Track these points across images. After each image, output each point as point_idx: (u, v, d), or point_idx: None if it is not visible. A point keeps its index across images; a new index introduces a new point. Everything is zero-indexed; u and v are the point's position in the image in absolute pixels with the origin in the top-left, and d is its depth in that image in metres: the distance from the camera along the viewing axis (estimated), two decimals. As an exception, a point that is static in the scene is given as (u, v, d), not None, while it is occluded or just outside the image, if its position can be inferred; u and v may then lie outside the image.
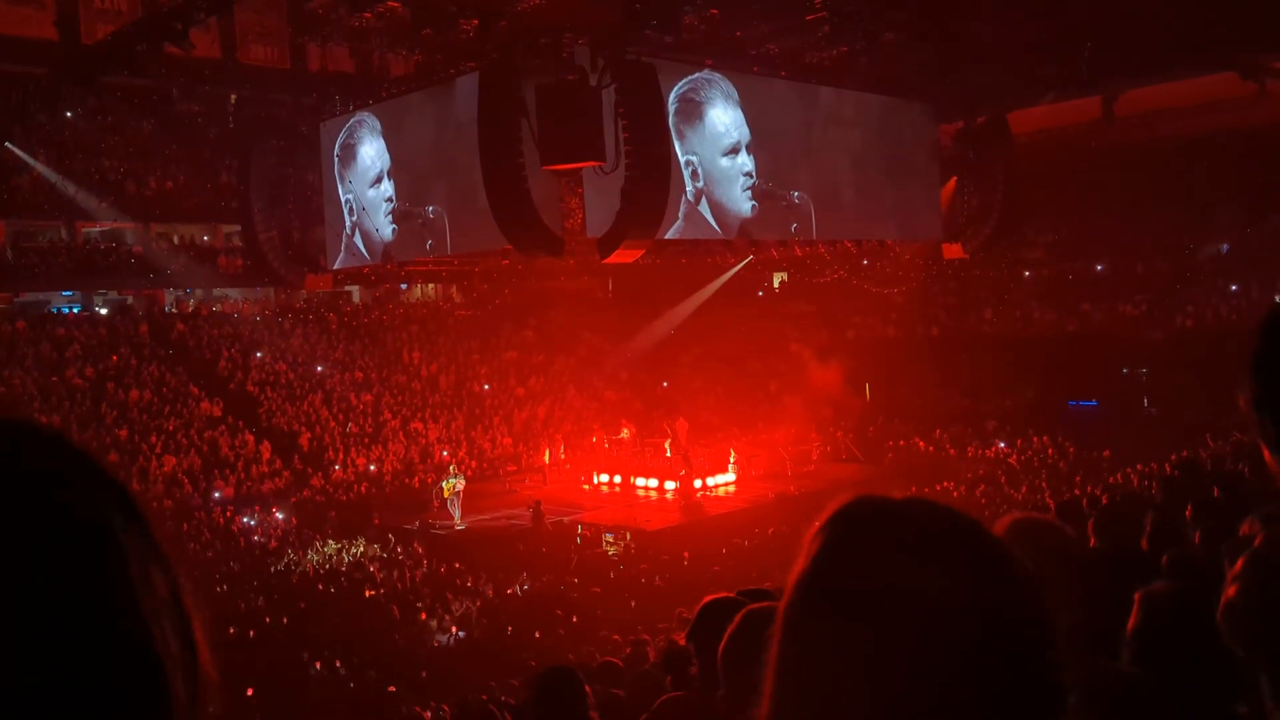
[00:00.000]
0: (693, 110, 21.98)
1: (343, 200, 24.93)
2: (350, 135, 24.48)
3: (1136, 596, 2.50)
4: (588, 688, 5.87)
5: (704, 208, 22.18)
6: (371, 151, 24.00)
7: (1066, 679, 0.96)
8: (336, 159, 24.83)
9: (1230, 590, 1.02)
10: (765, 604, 2.08)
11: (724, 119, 22.57)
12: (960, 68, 24.94)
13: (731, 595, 2.62)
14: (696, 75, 22.12)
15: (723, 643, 1.97)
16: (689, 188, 21.78)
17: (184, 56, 19.80)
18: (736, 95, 22.78)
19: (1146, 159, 31.34)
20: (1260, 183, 29.08)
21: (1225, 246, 32.56)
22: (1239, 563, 1.03)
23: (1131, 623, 2.46)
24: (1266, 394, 0.94)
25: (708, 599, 2.66)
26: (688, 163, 21.79)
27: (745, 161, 22.83)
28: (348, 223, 24.97)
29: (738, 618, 1.98)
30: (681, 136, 21.62)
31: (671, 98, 21.26)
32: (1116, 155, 31.38)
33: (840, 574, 0.97)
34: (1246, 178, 29.55)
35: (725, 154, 22.56)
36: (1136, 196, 32.60)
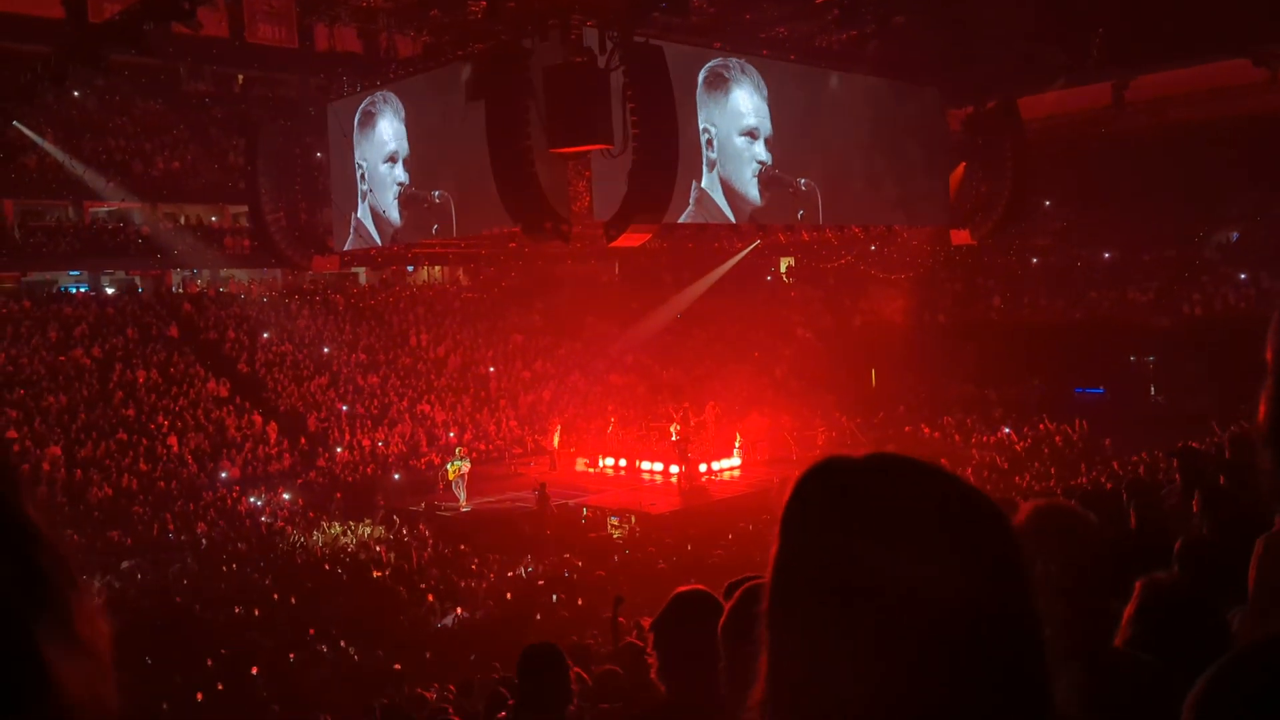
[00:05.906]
0: (720, 84, 22.23)
1: (356, 165, 24.84)
2: (372, 105, 24.43)
3: (1138, 583, 2.52)
4: (591, 666, 5.90)
5: (715, 192, 22.13)
6: (389, 129, 23.97)
7: (1053, 674, 0.92)
8: (356, 126, 24.80)
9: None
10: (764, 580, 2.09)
11: (747, 103, 22.74)
12: (970, 53, 24.78)
13: (703, 587, 2.60)
14: (729, 59, 22.33)
15: (722, 618, 1.98)
16: (704, 156, 21.84)
17: (192, 36, 19.72)
18: (766, 90, 22.99)
19: (1156, 145, 31.15)
20: (1270, 170, 28.91)
21: (1235, 234, 32.44)
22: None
23: (1131, 607, 2.47)
24: None
25: (679, 590, 2.66)
26: (704, 130, 21.87)
27: (760, 150, 22.85)
28: (360, 196, 24.91)
29: (738, 593, 2.00)
30: (704, 105, 21.86)
31: (703, 70, 21.75)
32: (1126, 142, 31.21)
33: (816, 558, 0.93)
34: (1257, 165, 29.36)
35: (742, 134, 22.63)
36: (1146, 183, 32.43)
